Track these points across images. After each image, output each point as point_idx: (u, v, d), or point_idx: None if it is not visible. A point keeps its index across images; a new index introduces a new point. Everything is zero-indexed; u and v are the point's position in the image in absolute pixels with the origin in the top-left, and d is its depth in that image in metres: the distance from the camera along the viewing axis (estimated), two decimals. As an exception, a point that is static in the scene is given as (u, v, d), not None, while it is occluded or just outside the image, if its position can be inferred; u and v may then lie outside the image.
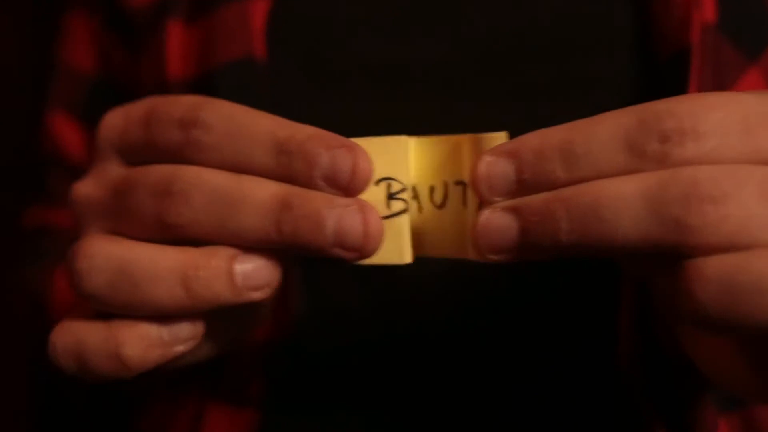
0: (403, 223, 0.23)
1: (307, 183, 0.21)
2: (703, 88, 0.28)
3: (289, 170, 0.22)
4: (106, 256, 0.22)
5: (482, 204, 0.21)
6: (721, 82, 0.29)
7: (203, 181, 0.22)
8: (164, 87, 0.34)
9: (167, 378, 0.34)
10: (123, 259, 0.22)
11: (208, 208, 0.22)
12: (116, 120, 0.25)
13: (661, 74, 0.29)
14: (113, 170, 0.25)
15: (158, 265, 0.22)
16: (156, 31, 0.35)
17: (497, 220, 0.21)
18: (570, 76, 0.30)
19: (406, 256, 0.23)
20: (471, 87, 0.31)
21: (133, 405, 0.39)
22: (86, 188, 0.25)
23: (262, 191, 0.22)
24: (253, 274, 0.22)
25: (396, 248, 0.23)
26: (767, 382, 0.21)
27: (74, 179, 0.40)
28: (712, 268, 0.18)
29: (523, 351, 0.31)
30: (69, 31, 0.41)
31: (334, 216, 0.21)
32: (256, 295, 0.22)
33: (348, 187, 0.21)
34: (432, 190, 0.23)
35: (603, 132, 0.20)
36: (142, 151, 0.24)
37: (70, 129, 0.41)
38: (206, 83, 0.32)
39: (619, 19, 0.30)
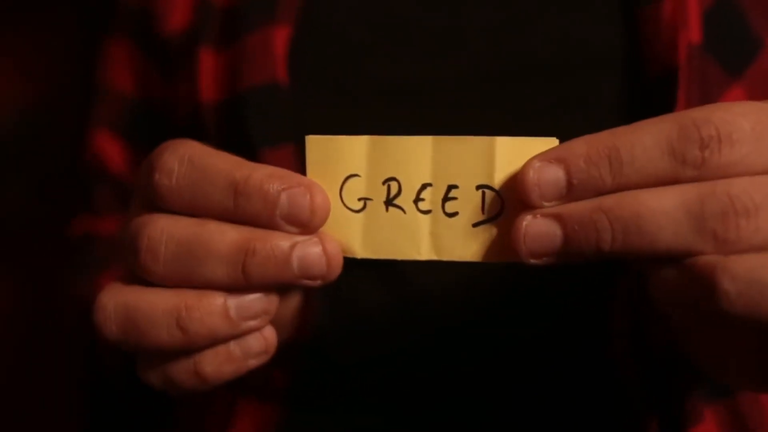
0: (420, 221, 0.23)
1: (268, 224, 0.22)
2: (690, 104, 0.28)
3: (248, 212, 0.22)
4: (115, 304, 0.23)
5: (505, 207, 0.22)
6: (707, 98, 0.29)
7: (168, 235, 0.22)
8: (197, 110, 0.35)
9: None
10: (128, 306, 0.23)
11: (175, 261, 0.22)
12: (144, 164, 0.26)
13: (651, 92, 0.30)
14: (131, 212, 0.26)
15: (156, 309, 0.23)
16: (189, 57, 0.36)
17: (540, 227, 0.21)
18: (567, 95, 0.31)
19: (417, 253, 0.23)
20: (476, 106, 0.32)
21: (169, 398, 0.39)
22: (119, 228, 0.27)
23: (224, 240, 0.22)
24: (247, 305, 0.23)
25: (410, 246, 0.23)
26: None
27: (116, 191, 0.42)
28: (739, 265, 0.19)
29: (527, 348, 0.32)
30: (110, 55, 0.43)
31: (298, 253, 0.22)
32: (254, 324, 0.23)
33: (308, 224, 0.22)
34: (449, 191, 0.23)
35: (647, 139, 0.20)
36: (140, 196, 0.25)
37: (112, 146, 0.42)
38: (234, 106, 0.33)
39: (612, 42, 0.31)
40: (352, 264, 0.24)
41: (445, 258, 0.23)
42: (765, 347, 0.21)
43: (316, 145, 0.24)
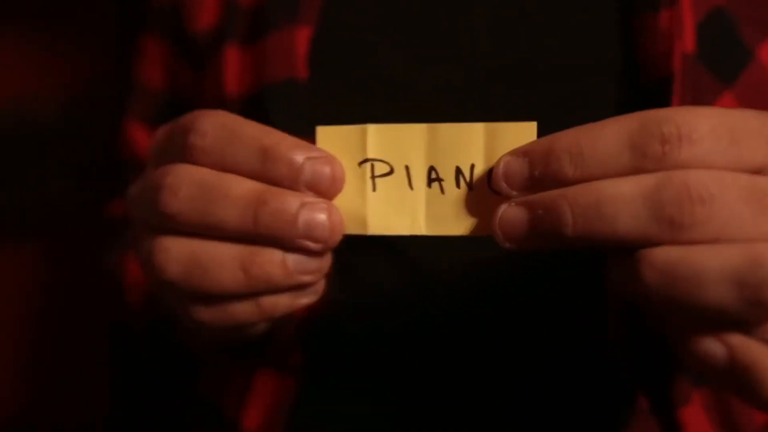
0: (416, 198, 0.25)
1: (291, 187, 0.23)
2: None
3: (274, 175, 0.23)
4: (180, 246, 0.24)
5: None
6: (699, 105, 0.29)
7: (189, 176, 0.24)
8: (223, 103, 0.36)
9: (225, 345, 0.36)
10: (194, 248, 0.24)
11: (193, 199, 0.24)
12: (157, 134, 0.27)
13: (646, 98, 0.30)
14: (145, 173, 0.27)
15: (222, 252, 0.24)
16: (216, 53, 0.37)
17: (510, 213, 0.22)
18: (564, 98, 0.31)
19: (418, 228, 0.25)
20: (476, 104, 0.33)
21: (193, 370, 0.42)
22: (133, 189, 0.28)
23: (241, 187, 0.23)
24: (302, 261, 0.24)
25: (411, 222, 0.25)
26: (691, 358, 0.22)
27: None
28: (659, 257, 0.20)
29: (527, 329, 0.33)
30: (142, 52, 0.44)
31: (304, 213, 0.23)
32: (306, 279, 0.24)
33: (326, 192, 0.24)
34: (442, 172, 0.25)
35: (608, 134, 0.21)
36: (165, 156, 0.26)
37: (144, 136, 0.44)
38: (257, 101, 0.35)
39: (609, 49, 0.31)
40: (365, 245, 0.25)
41: (439, 233, 0.25)
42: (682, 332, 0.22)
43: (324, 133, 0.26)
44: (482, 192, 0.24)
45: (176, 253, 0.25)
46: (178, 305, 0.27)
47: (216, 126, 0.24)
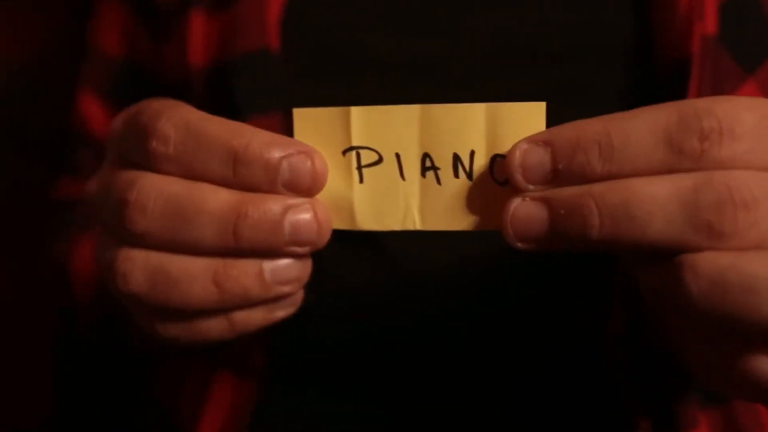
0: (409, 191, 0.23)
1: (269, 191, 0.22)
2: (701, 96, 0.28)
3: (249, 180, 0.22)
4: (146, 256, 0.23)
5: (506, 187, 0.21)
6: (719, 91, 0.28)
7: (157, 190, 0.22)
8: (186, 74, 0.34)
9: (180, 347, 0.35)
10: (162, 259, 0.23)
11: (163, 217, 0.22)
12: (116, 122, 0.25)
13: (661, 81, 0.29)
14: (109, 171, 0.25)
15: (193, 264, 0.22)
16: (180, 20, 0.35)
17: (527, 210, 0.21)
18: (573, 80, 0.30)
19: (412, 223, 0.23)
20: (474, 85, 0.31)
21: (145, 371, 0.40)
22: (92, 184, 0.26)
23: (217, 199, 0.22)
24: (282, 271, 0.23)
25: (404, 216, 0.23)
26: (735, 379, 0.21)
27: (99, 154, 0.41)
28: (706, 264, 0.18)
29: (514, 337, 0.31)
30: (99, 16, 0.42)
31: (290, 219, 0.22)
32: (286, 289, 0.23)
33: (308, 191, 0.22)
34: (438, 160, 0.23)
35: (642, 126, 0.19)
36: (126, 154, 0.24)
37: (97, 108, 0.41)
38: (224, 72, 0.33)
39: (623, 28, 0.30)
40: (336, 240, 0.23)
41: (435, 228, 0.23)
42: (735, 351, 0.20)
43: (303, 117, 0.23)
44: (485, 182, 0.22)
45: (142, 264, 0.23)
46: (140, 317, 0.26)
47: (179, 128, 0.22)
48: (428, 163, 0.23)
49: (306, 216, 0.22)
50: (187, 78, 0.34)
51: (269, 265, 0.22)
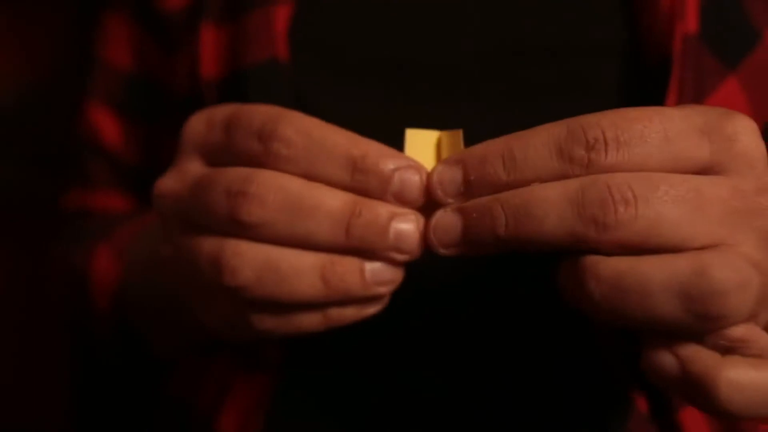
0: None
1: (379, 197, 0.23)
2: (682, 94, 0.28)
3: (363, 187, 0.23)
4: (255, 252, 0.24)
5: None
6: (701, 89, 0.29)
7: (279, 185, 0.23)
8: (197, 86, 0.34)
9: (198, 346, 0.35)
10: (270, 254, 0.24)
11: (282, 210, 0.23)
12: (199, 123, 0.26)
13: (647, 80, 0.29)
14: (194, 168, 0.26)
15: (303, 260, 0.24)
16: (190, 33, 0.35)
17: (445, 219, 0.23)
18: (564, 80, 0.31)
19: None
20: (475, 87, 0.32)
21: (162, 370, 0.40)
22: (168, 183, 0.26)
23: (334, 199, 0.23)
24: (380, 272, 0.24)
25: None
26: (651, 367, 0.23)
27: (111, 165, 0.42)
28: (606, 268, 0.21)
29: (516, 329, 0.32)
30: (107, 30, 0.42)
31: (395, 225, 0.23)
32: (382, 290, 0.24)
33: (413, 202, 0.24)
34: None
35: (538, 140, 0.22)
36: (222, 155, 0.25)
37: (108, 120, 0.42)
38: (235, 83, 0.33)
39: (610, 29, 0.31)
40: None
41: None
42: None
43: (413, 138, 0.25)
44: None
45: (251, 258, 0.24)
46: (229, 311, 0.26)
47: (302, 134, 0.23)
48: None
49: (410, 226, 0.23)
50: (199, 89, 0.34)
51: (370, 266, 0.24)
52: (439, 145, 0.25)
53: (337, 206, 0.23)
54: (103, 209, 0.41)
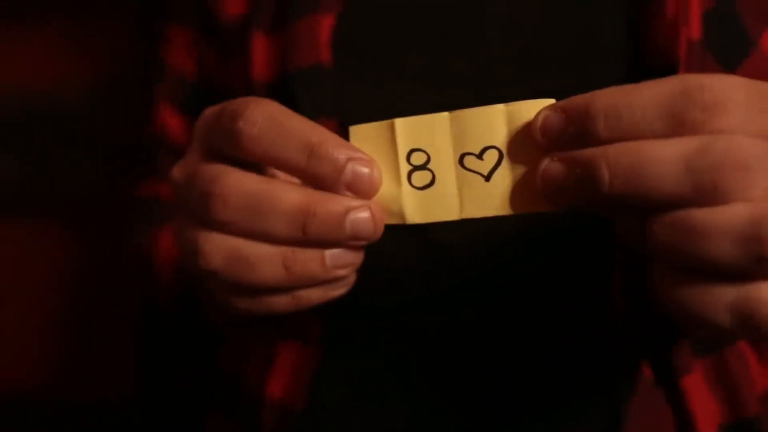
0: (447, 185, 0.25)
1: (331, 187, 0.24)
2: None
3: (317, 173, 0.24)
4: (223, 239, 0.25)
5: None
6: None
7: (239, 186, 0.24)
8: (250, 89, 0.36)
9: (250, 317, 0.37)
10: (237, 243, 0.25)
11: (242, 210, 0.24)
12: (207, 116, 0.27)
13: None
14: (192, 160, 0.27)
15: (266, 249, 0.25)
16: (243, 41, 0.37)
17: (551, 168, 0.22)
18: (573, 84, 0.31)
19: (454, 213, 0.25)
20: (494, 90, 0.33)
21: (216, 345, 0.43)
22: (175, 173, 0.28)
23: (289, 198, 0.24)
24: (340, 257, 0.25)
25: (447, 208, 0.25)
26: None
27: (177, 159, 0.44)
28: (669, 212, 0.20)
29: (536, 300, 0.33)
30: (171, 39, 0.44)
31: (350, 218, 0.24)
32: (342, 273, 0.25)
33: (364, 194, 0.24)
34: (466, 156, 0.25)
35: (648, 97, 0.20)
36: (211, 141, 0.26)
37: (174, 119, 0.44)
38: (283, 85, 0.35)
39: (617, 36, 0.32)
40: (386, 228, 0.26)
41: (475, 215, 0.25)
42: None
43: (357, 132, 0.25)
44: (510, 172, 0.24)
45: (220, 246, 0.25)
46: (217, 291, 0.28)
47: (266, 116, 0.24)
48: (463, 160, 0.25)
49: (364, 215, 0.24)
50: (252, 92, 0.36)
51: (330, 252, 0.24)
52: (392, 133, 0.25)
53: (293, 207, 0.23)
54: (170, 197, 0.44)
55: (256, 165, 0.26)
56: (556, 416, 0.33)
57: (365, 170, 0.24)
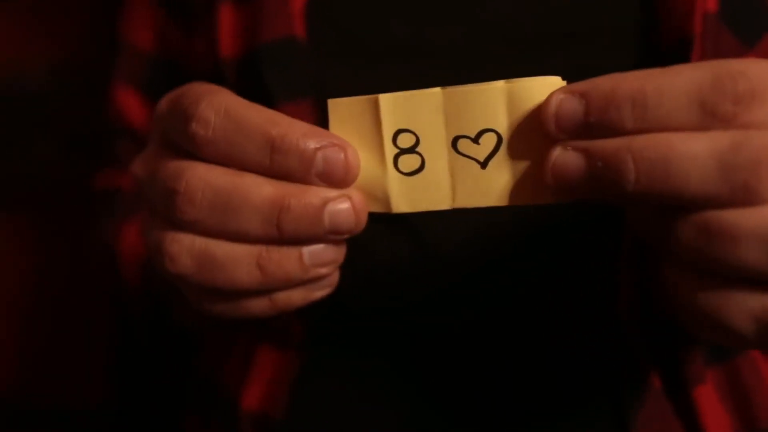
0: (438, 173, 0.23)
1: (302, 180, 0.22)
2: None
3: (284, 168, 0.22)
4: (192, 240, 0.23)
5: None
6: None
7: (206, 182, 0.22)
8: (217, 64, 0.34)
9: (226, 321, 0.36)
10: (207, 243, 0.23)
11: (211, 208, 0.22)
12: (161, 104, 0.25)
13: (666, 62, 0.29)
14: (151, 154, 0.26)
15: (238, 248, 0.23)
16: (209, 14, 0.35)
17: (566, 159, 0.20)
18: (579, 62, 0.30)
19: (446, 203, 0.23)
20: (489, 68, 0.31)
21: (191, 349, 0.41)
22: (135, 168, 0.26)
23: (261, 192, 0.22)
24: (319, 254, 0.23)
25: (437, 196, 0.23)
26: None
27: (137, 145, 0.42)
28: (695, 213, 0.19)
29: (533, 302, 0.32)
30: (129, 13, 0.42)
31: (329, 210, 0.22)
32: (323, 271, 0.24)
33: (340, 182, 0.22)
34: (460, 139, 0.23)
35: (677, 85, 0.19)
36: (170, 135, 0.25)
37: (133, 100, 0.42)
38: (253, 61, 0.33)
39: (626, 10, 0.30)
40: (369, 218, 0.24)
41: (469, 205, 0.23)
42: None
43: (336, 107, 0.23)
44: (510, 157, 0.22)
45: (189, 248, 0.23)
46: (189, 294, 0.26)
47: (219, 113, 0.22)
48: (456, 143, 0.23)
49: (344, 206, 0.22)
50: (219, 69, 0.34)
51: (308, 249, 0.23)
52: (377, 111, 0.23)
53: (263, 202, 0.22)
54: (131, 187, 0.42)
55: None
56: (558, 426, 0.32)
57: (338, 156, 0.22)
